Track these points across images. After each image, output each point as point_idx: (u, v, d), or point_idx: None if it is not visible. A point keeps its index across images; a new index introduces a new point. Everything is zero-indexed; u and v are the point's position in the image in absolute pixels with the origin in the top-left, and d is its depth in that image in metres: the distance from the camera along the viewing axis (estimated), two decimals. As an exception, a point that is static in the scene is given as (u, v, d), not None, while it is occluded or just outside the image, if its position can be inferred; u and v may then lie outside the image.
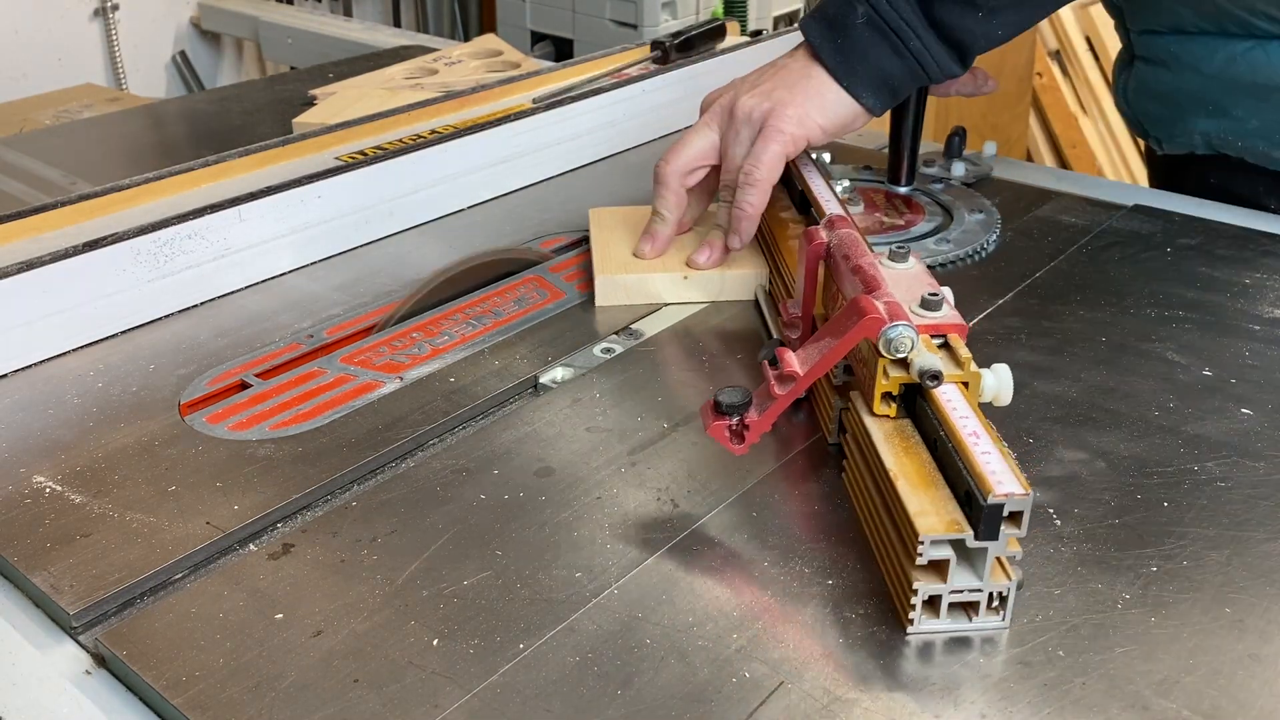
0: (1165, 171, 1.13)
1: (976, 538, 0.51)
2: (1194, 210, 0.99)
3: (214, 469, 0.65)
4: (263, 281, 0.89)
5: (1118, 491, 0.63)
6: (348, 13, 2.57)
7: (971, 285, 0.86)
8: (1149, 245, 0.92)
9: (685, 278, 0.84)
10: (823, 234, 0.70)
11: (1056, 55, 3.07)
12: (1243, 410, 0.70)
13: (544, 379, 0.75)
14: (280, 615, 0.55)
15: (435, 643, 0.53)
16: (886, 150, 1.01)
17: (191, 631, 0.54)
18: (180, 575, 0.58)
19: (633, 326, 0.81)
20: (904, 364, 0.58)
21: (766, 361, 0.61)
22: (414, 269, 0.90)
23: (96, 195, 0.88)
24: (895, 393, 0.59)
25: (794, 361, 0.60)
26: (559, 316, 0.83)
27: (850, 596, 0.56)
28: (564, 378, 0.75)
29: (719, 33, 1.30)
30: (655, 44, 1.25)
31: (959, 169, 1.03)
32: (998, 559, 0.52)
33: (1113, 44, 3.00)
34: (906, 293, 0.62)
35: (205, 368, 0.77)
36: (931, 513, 0.52)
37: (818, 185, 0.81)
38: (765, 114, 0.80)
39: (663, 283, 0.84)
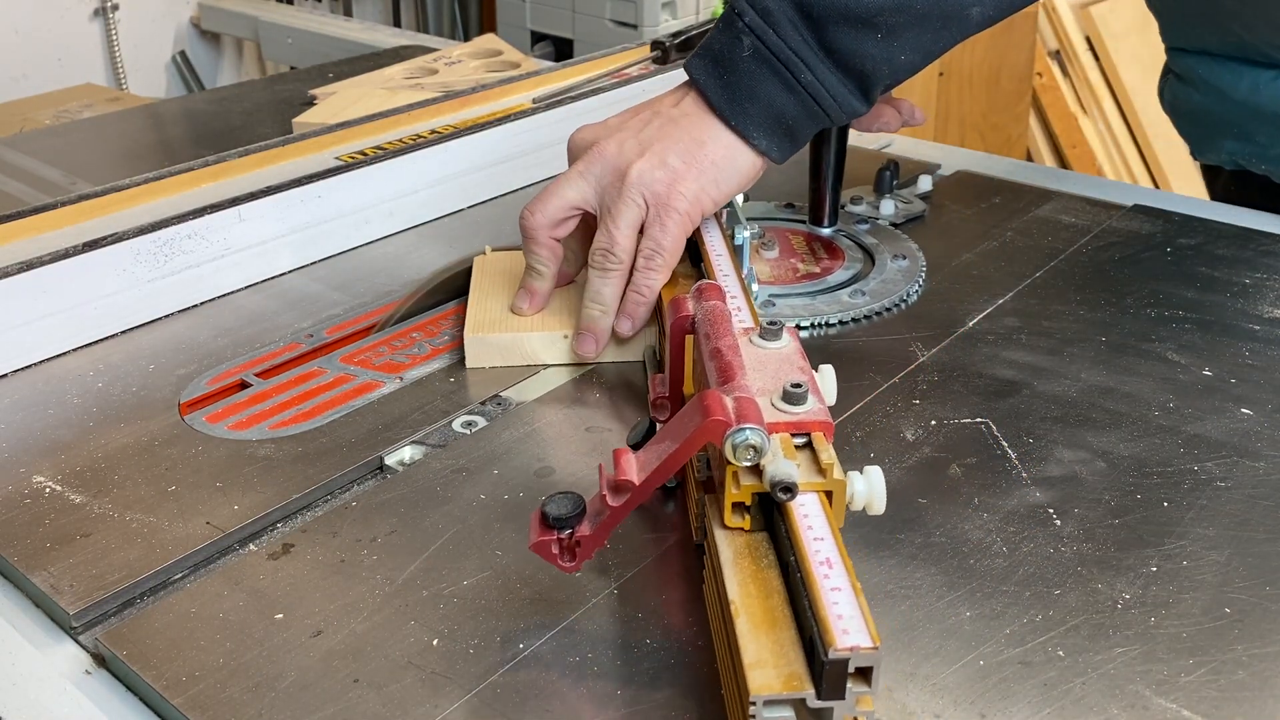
0: (1207, 173, 1.15)
1: (819, 697, 0.43)
2: (1194, 210, 0.99)
3: (214, 469, 0.65)
4: (262, 281, 0.89)
5: (1118, 491, 0.63)
6: (348, 13, 2.57)
7: (971, 285, 0.86)
8: (1149, 245, 0.92)
9: (565, 336, 0.75)
10: (689, 305, 0.63)
11: (1056, 55, 3.07)
12: (1243, 410, 0.70)
13: (390, 460, 0.67)
14: (280, 615, 0.55)
15: (435, 643, 0.53)
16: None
17: (191, 631, 0.54)
18: (180, 575, 0.58)
19: (502, 395, 0.73)
20: (758, 470, 0.50)
21: (600, 466, 0.53)
22: (414, 269, 0.90)
23: (96, 195, 0.88)
24: (748, 503, 0.50)
25: (630, 468, 0.51)
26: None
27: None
28: (412, 459, 0.67)
29: (719, 33, 1.29)
30: (655, 44, 1.25)
31: (888, 207, 0.96)
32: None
33: (1113, 45, 3.00)
34: (773, 378, 0.55)
35: (205, 368, 0.77)
36: (770, 664, 0.44)
37: (710, 236, 0.74)
38: (661, 187, 0.71)
39: (540, 343, 0.75)
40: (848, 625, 0.43)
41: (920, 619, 0.54)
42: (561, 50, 2.29)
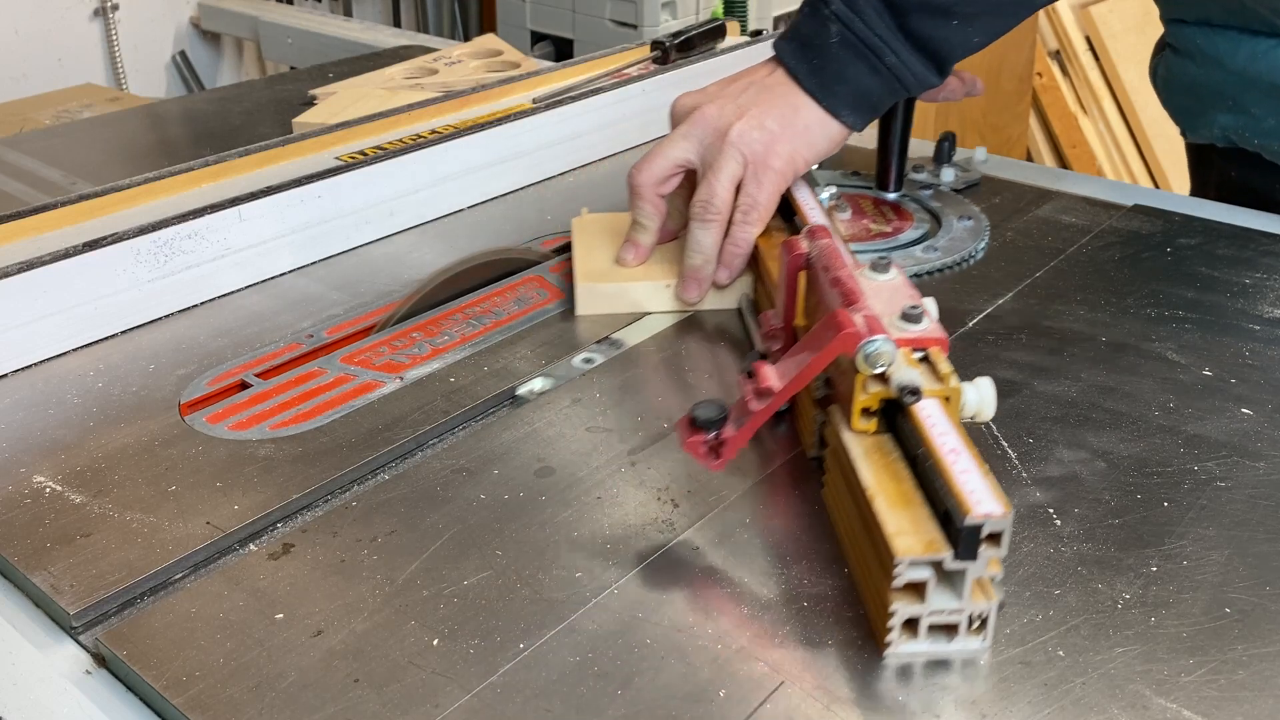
0: (1193, 158, 1.16)
1: (955, 558, 0.49)
2: (1194, 210, 0.99)
3: (214, 469, 0.65)
4: (263, 281, 0.89)
5: (1118, 491, 0.63)
6: (348, 13, 2.57)
7: (971, 285, 0.86)
8: (1149, 245, 0.92)
9: (668, 285, 0.82)
10: (803, 244, 0.69)
11: (1056, 55, 3.07)
12: (1243, 410, 0.70)
13: (521, 390, 0.73)
14: (280, 615, 0.55)
15: (435, 643, 0.53)
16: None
17: (191, 631, 0.54)
18: (180, 575, 0.58)
19: (613, 336, 0.80)
20: (883, 379, 0.57)
21: (744, 374, 0.60)
22: (414, 269, 0.90)
23: (96, 195, 0.88)
24: (874, 408, 0.57)
25: (771, 376, 0.58)
26: (559, 316, 0.83)
27: (853, 599, 0.56)
28: (542, 388, 0.74)
29: (719, 33, 1.30)
30: (655, 44, 1.25)
31: (948, 175, 1.02)
32: (977, 580, 0.51)
33: (1113, 44, 3.00)
34: (887, 305, 0.60)
35: (205, 368, 0.77)
36: (910, 532, 0.50)
37: (802, 194, 0.81)
38: (760, 147, 0.78)
39: (644, 291, 0.82)
40: (979, 496, 0.49)
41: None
42: (561, 50, 2.29)
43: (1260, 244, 0.92)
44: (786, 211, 0.82)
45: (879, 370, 0.56)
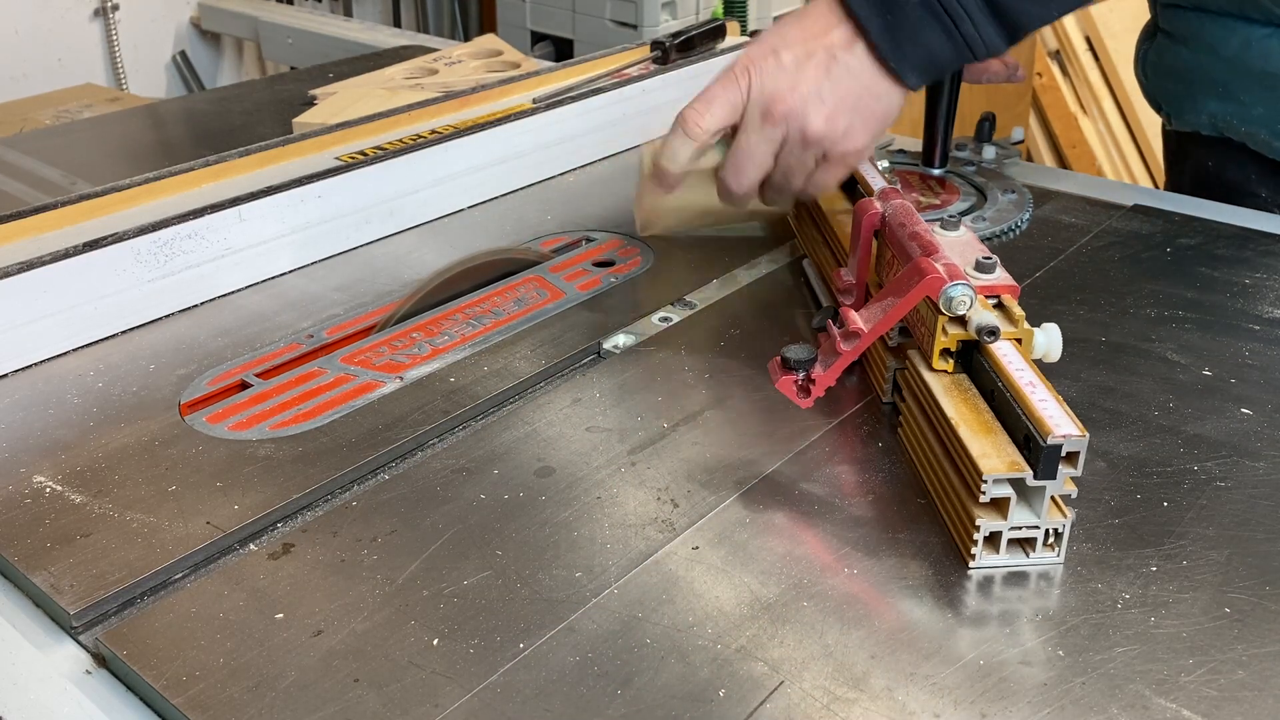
0: (1172, 148, 1.16)
1: (1036, 477, 0.55)
2: (1194, 210, 0.99)
3: (214, 469, 0.65)
4: (263, 281, 0.89)
5: (1118, 491, 0.63)
6: (348, 13, 2.57)
7: (971, 285, 0.86)
8: (1149, 245, 0.92)
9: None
10: (877, 204, 0.73)
11: (1056, 55, 3.07)
12: (1243, 410, 0.70)
13: (607, 345, 0.78)
14: (280, 615, 0.55)
15: (435, 643, 0.53)
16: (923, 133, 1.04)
17: (191, 631, 0.54)
18: (180, 575, 0.58)
19: (686, 297, 0.85)
20: (961, 322, 0.62)
21: (830, 321, 0.65)
22: (414, 269, 0.90)
23: (96, 195, 0.88)
24: (953, 349, 0.63)
25: (858, 320, 0.64)
26: (559, 316, 0.83)
27: (853, 599, 0.56)
28: (625, 344, 0.78)
29: (719, 33, 1.29)
30: (655, 44, 1.25)
31: (990, 153, 1.06)
32: (1053, 498, 0.56)
33: (1113, 45, 3.00)
34: (960, 258, 0.65)
35: (205, 368, 0.77)
36: (993, 455, 0.56)
37: (863, 164, 0.84)
38: (835, 144, 0.79)
39: (698, 192, 0.87)
40: (1058, 421, 0.55)
41: (920, 619, 0.54)
42: (561, 50, 2.29)
43: (1260, 244, 0.92)
44: (849, 180, 0.85)
45: (960, 313, 0.62)
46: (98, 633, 0.55)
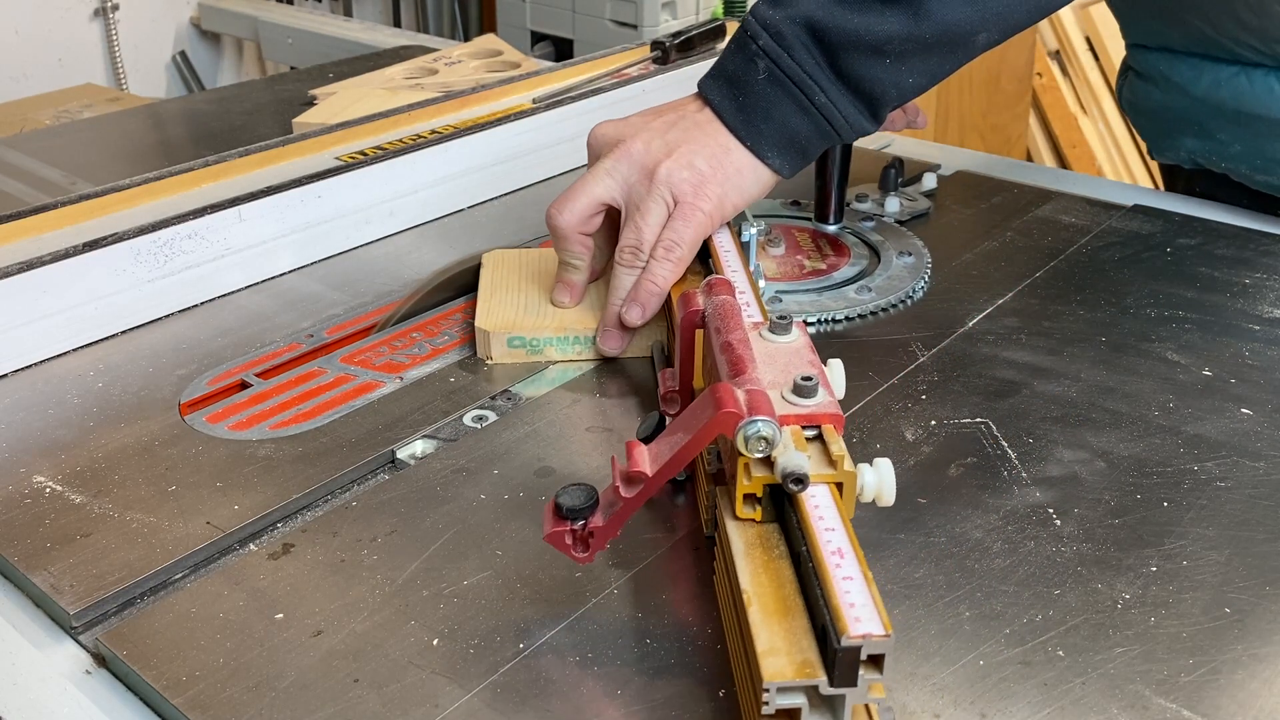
0: (1166, 173, 1.15)
1: (831, 684, 0.43)
2: (1194, 210, 0.99)
3: (214, 469, 0.65)
4: (263, 281, 0.89)
5: (1118, 491, 0.63)
6: (348, 13, 2.57)
7: (971, 285, 0.86)
8: (1149, 245, 0.92)
9: (581, 338, 0.77)
10: (699, 300, 0.64)
11: (1056, 55, 3.07)
12: (1243, 410, 0.70)
13: (401, 454, 0.67)
14: (280, 615, 0.55)
15: (435, 643, 0.53)
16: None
17: (191, 631, 0.54)
18: (180, 575, 0.58)
19: (512, 390, 0.74)
20: (769, 463, 0.50)
21: (614, 458, 0.54)
22: (414, 269, 0.90)
23: (96, 195, 0.88)
24: (759, 494, 0.51)
25: (642, 459, 0.52)
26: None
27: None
28: (424, 452, 0.68)
29: (719, 33, 1.30)
30: (655, 44, 1.25)
31: (893, 205, 0.97)
32: (861, 706, 0.44)
33: (1113, 45, 3.00)
34: (783, 372, 0.55)
35: (205, 368, 0.77)
36: (782, 651, 0.44)
37: (719, 237, 0.75)
38: (688, 188, 0.73)
39: (557, 342, 0.77)
40: (860, 613, 0.43)
41: (920, 619, 0.54)
42: (561, 50, 2.29)
43: (1260, 244, 0.92)
44: (704, 254, 0.76)
45: (761, 455, 0.50)
46: (98, 633, 0.55)
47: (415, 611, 0.55)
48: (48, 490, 0.64)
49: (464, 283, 0.86)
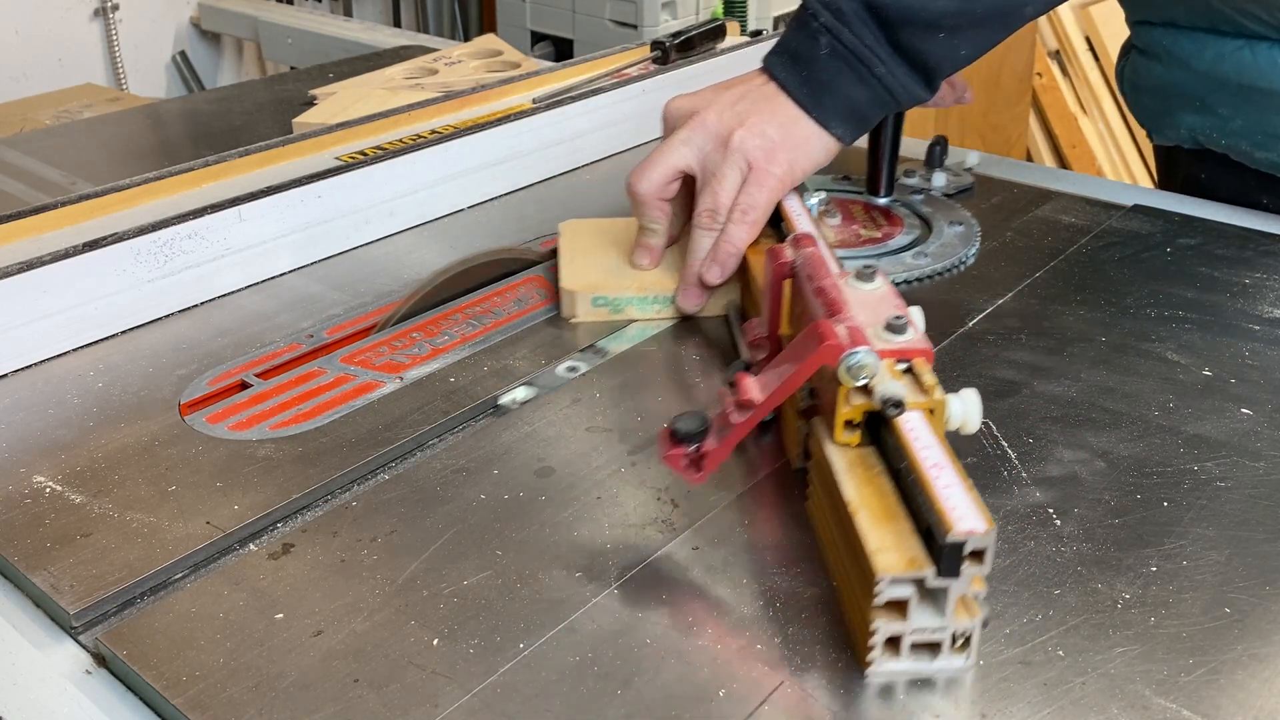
0: (1162, 160, 1.16)
1: (937, 576, 0.48)
2: (1194, 210, 0.99)
3: (214, 469, 0.65)
4: (263, 281, 0.89)
5: (1118, 491, 0.63)
6: (348, 13, 2.57)
7: (971, 285, 0.86)
8: (1149, 245, 0.92)
9: (661, 297, 0.82)
10: (788, 252, 0.68)
11: (1056, 55, 3.07)
12: (1243, 410, 0.70)
13: (504, 400, 0.72)
14: (280, 615, 0.55)
15: (435, 643, 0.53)
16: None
17: (191, 631, 0.54)
18: (180, 575, 0.58)
19: (598, 344, 0.79)
20: (867, 391, 0.56)
21: (727, 385, 0.59)
22: (414, 269, 0.90)
23: (96, 195, 0.88)
24: (858, 420, 0.56)
25: (752, 388, 0.57)
26: (559, 316, 0.82)
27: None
28: (524, 398, 0.73)
29: (719, 33, 1.30)
30: (655, 44, 1.25)
31: (940, 179, 1.02)
32: (961, 597, 0.50)
33: (1113, 45, 3.00)
34: (872, 315, 0.60)
35: (205, 368, 0.77)
36: (892, 549, 0.49)
37: (790, 201, 0.81)
38: (760, 154, 0.79)
39: (637, 301, 0.82)
40: (962, 513, 0.48)
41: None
42: (561, 50, 2.29)
43: (1260, 244, 0.92)
44: (775, 221, 0.82)
45: (862, 383, 0.55)
46: (98, 633, 0.55)
47: (415, 611, 0.55)
48: (48, 490, 0.64)
49: (464, 283, 0.86)
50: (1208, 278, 0.86)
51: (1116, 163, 3.08)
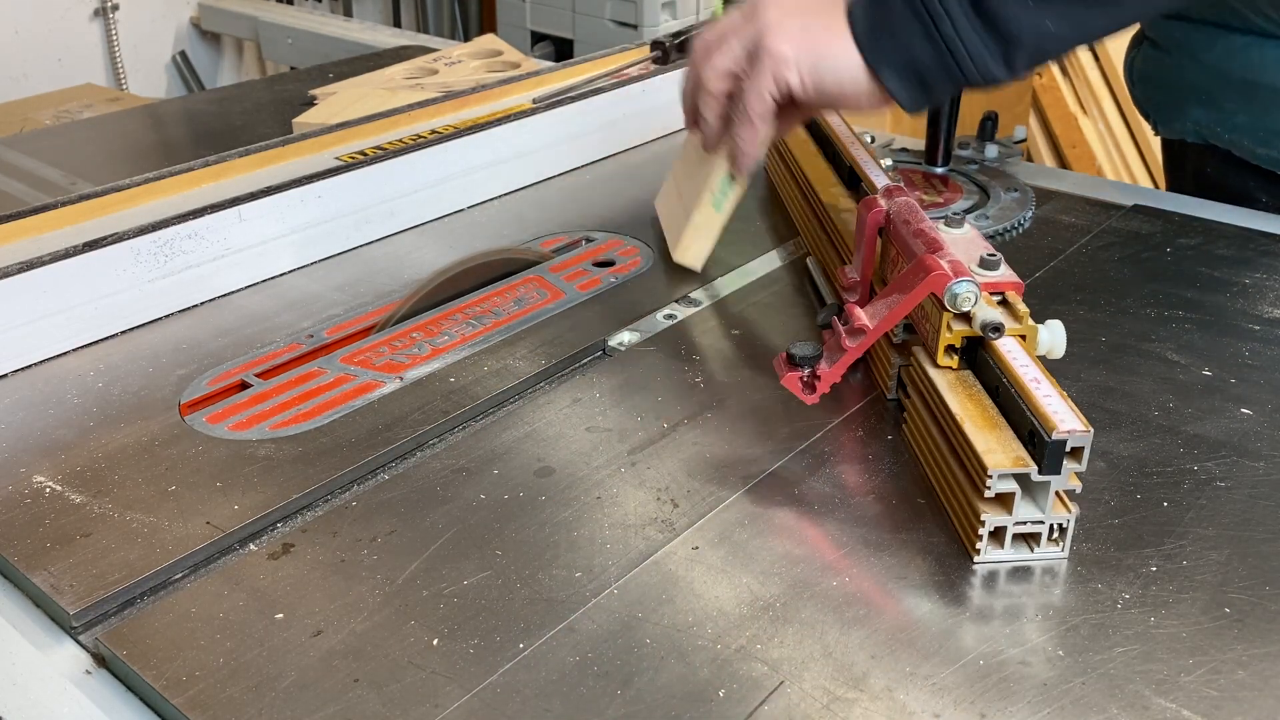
0: (1170, 154, 1.16)
1: (1040, 472, 0.55)
2: (1194, 210, 0.99)
3: (214, 469, 0.65)
4: (263, 281, 0.89)
5: (1118, 491, 0.63)
6: (348, 13, 2.57)
7: (971, 285, 0.86)
8: (1149, 245, 0.92)
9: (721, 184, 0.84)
10: (882, 203, 0.73)
11: (1056, 55, 3.07)
12: (1243, 410, 0.70)
13: (612, 342, 0.79)
14: (280, 615, 0.55)
15: (435, 643, 0.53)
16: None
17: (191, 631, 0.54)
18: (180, 575, 0.58)
19: (690, 295, 0.86)
20: (966, 318, 0.63)
21: (835, 317, 0.66)
22: (414, 269, 0.90)
23: (96, 195, 0.88)
24: (958, 345, 0.64)
25: (864, 316, 0.64)
26: (559, 316, 0.83)
27: (853, 599, 0.56)
28: (630, 341, 0.79)
29: (719, 33, 1.29)
30: (655, 44, 1.25)
31: (992, 151, 1.08)
32: (1058, 493, 0.57)
33: (1113, 45, 3.00)
34: (964, 254, 0.66)
35: (205, 368, 0.77)
36: (998, 450, 0.57)
37: (867, 163, 0.86)
38: (783, 29, 0.72)
39: (709, 214, 0.86)
40: (1064, 416, 0.56)
41: (920, 619, 0.54)
42: (561, 50, 2.29)
43: (1260, 244, 0.92)
44: (852, 180, 0.87)
45: (964, 310, 0.62)
46: (98, 633, 0.55)
47: (415, 611, 0.55)
48: (48, 490, 0.64)
49: (464, 283, 0.86)
50: (1208, 278, 0.86)
51: (1116, 163, 3.08)
